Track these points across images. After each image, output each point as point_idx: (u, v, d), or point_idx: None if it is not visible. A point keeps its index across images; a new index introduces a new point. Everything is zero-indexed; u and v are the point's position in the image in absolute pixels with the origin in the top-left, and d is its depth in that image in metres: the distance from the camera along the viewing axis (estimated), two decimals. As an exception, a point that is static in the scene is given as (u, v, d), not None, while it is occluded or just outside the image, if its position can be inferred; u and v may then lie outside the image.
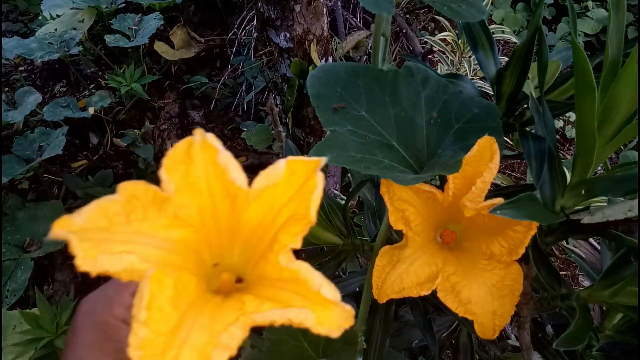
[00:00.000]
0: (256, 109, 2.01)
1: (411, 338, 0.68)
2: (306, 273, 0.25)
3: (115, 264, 0.24)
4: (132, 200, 0.27)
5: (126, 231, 0.26)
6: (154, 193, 0.27)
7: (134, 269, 0.25)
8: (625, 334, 0.51)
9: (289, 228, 0.27)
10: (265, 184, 0.27)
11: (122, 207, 0.26)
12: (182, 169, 0.28)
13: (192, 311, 0.25)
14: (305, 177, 0.27)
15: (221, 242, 0.30)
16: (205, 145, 0.28)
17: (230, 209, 0.29)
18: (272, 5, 1.28)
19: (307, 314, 0.23)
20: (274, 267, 0.26)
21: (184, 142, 0.28)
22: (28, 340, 1.06)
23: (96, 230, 0.25)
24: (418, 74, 0.51)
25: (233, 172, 0.27)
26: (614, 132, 0.40)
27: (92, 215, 0.25)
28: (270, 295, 0.26)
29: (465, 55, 1.61)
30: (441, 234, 0.48)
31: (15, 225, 1.40)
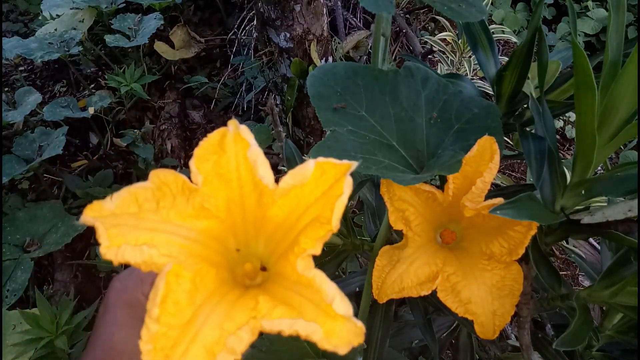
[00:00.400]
0: (256, 109, 2.01)
1: (411, 338, 0.68)
2: (321, 283, 0.25)
3: (136, 256, 0.25)
4: (163, 187, 0.27)
5: (154, 219, 0.27)
6: (183, 183, 0.27)
7: (153, 262, 0.25)
8: (625, 334, 0.51)
9: (311, 232, 0.27)
10: (292, 183, 0.27)
11: (152, 193, 0.27)
12: (214, 159, 0.28)
13: (207, 305, 0.26)
14: (333, 179, 0.27)
15: (246, 231, 0.31)
16: (238, 138, 0.28)
17: (257, 202, 0.29)
18: (272, 5, 1.28)
19: (315, 327, 0.23)
20: (293, 269, 0.26)
21: (218, 133, 0.28)
22: (28, 340, 1.06)
23: (126, 216, 0.26)
24: (418, 74, 0.51)
25: (261, 169, 0.27)
26: (614, 132, 0.40)
27: (124, 200, 0.26)
28: (285, 298, 0.26)
29: (465, 55, 1.61)
30: (441, 234, 0.48)
31: (15, 225, 1.40)
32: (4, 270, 1.29)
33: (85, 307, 1.43)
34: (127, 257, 0.25)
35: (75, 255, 1.62)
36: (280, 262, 0.29)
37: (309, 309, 0.25)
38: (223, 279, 0.29)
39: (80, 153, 1.90)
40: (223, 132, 0.28)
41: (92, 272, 1.59)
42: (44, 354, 1.06)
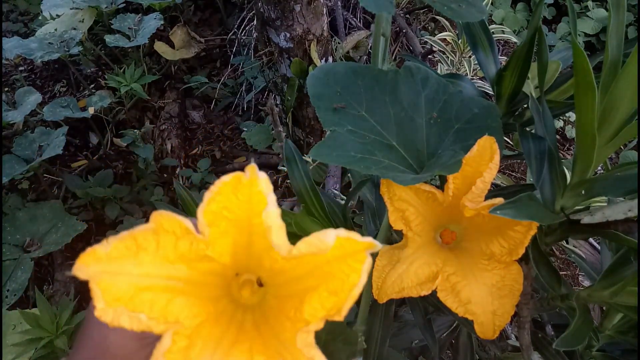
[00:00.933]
0: (256, 109, 2.01)
1: (411, 338, 0.68)
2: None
3: (133, 324, 0.24)
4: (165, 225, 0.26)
5: (152, 261, 0.26)
6: (186, 229, 0.26)
7: (151, 330, 0.25)
8: (625, 334, 0.51)
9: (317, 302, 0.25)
10: (306, 252, 0.25)
11: (152, 234, 0.26)
12: (225, 204, 0.26)
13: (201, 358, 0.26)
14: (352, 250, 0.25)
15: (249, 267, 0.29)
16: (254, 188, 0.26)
17: (266, 250, 0.27)
18: (272, 5, 1.28)
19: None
20: (292, 329, 0.26)
21: (233, 178, 0.26)
22: (28, 340, 1.06)
23: (122, 260, 0.25)
24: (418, 74, 0.51)
25: (275, 236, 0.25)
26: (614, 132, 0.40)
27: (122, 241, 0.25)
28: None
29: (465, 55, 1.61)
30: (441, 234, 0.48)
31: (15, 225, 1.40)
32: (4, 270, 1.29)
33: (85, 307, 1.43)
34: (124, 324, 0.24)
35: (75, 255, 1.61)
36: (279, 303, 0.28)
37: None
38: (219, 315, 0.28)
39: (80, 153, 1.90)
40: (238, 177, 0.26)
41: (92, 272, 1.59)
42: (44, 354, 1.06)
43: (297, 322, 0.26)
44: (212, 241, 0.27)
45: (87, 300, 0.75)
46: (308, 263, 0.26)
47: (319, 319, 0.25)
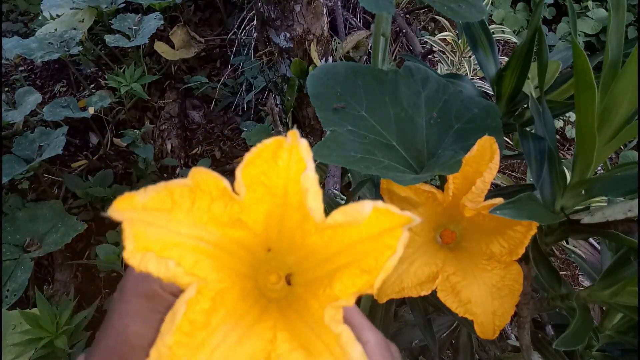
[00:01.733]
0: (256, 109, 2.01)
1: (411, 338, 0.68)
2: (347, 343, 0.23)
3: (160, 270, 0.23)
4: (202, 186, 0.25)
5: (185, 220, 0.25)
6: (223, 189, 0.25)
7: (176, 280, 0.24)
8: (625, 334, 0.51)
9: (348, 278, 0.25)
10: (341, 222, 0.25)
11: (189, 191, 0.25)
12: (263, 168, 0.26)
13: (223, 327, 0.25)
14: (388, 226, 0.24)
15: (279, 247, 0.29)
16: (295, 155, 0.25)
17: (299, 223, 0.27)
18: (272, 5, 1.28)
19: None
20: (319, 307, 0.25)
21: (274, 141, 0.25)
22: (28, 340, 1.06)
23: (156, 212, 0.24)
24: (418, 74, 0.51)
25: (311, 200, 0.25)
26: (614, 132, 0.40)
27: (158, 194, 0.24)
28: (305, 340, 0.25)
29: (465, 55, 1.61)
30: (441, 234, 0.48)
31: (15, 225, 1.40)
32: (4, 270, 1.29)
33: (85, 307, 1.43)
34: (151, 269, 0.23)
35: (75, 255, 1.62)
36: (307, 289, 0.28)
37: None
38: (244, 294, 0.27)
39: (80, 153, 1.90)
40: (279, 142, 0.25)
41: (92, 272, 1.59)
42: (44, 354, 1.06)
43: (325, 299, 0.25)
44: (247, 206, 0.26)
45: (87, 300, 0.76)
46: (341, 240, 0.25)
47: (350, 294, 0.24)
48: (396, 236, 0.24)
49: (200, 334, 0.24)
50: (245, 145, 1.93)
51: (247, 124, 1.96)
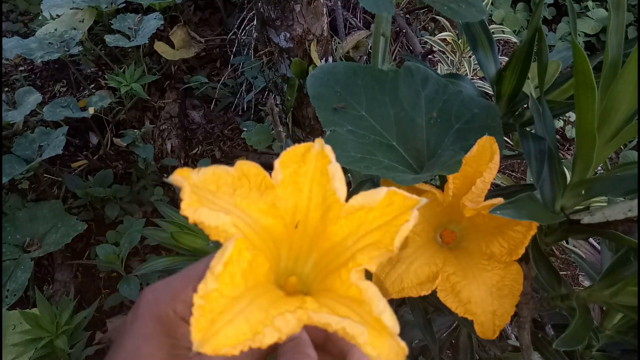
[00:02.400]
0: (256, 109, 2.01)
1: (411, 338, 0.68)
2: (372, 295, 0.25)
3: (211, 219, 0.26)
4: (243, 178, 0.29)
5: (228, 201, 0.28)
6: (262, 178, 0.29)
7: (224, 229, 0.26)
8: (625, 334, 0.51)
9: (368, 251, 0.28)
10: (361, 203, 0.29)
11: (232, 180, 0.28)
12: (294, 168, 0.30)
13: (255, 290, 0.26)
14: (399, 211, 0.27)
15: (301, 245, 0.31)
16: (321, 154, 0.30)
17: (321, 217, 0.30)
18: (272, 5, 1.28)
19: (363, 330, 0.23)
20: (342, 283, 0.27)
21: (303, 146, 0.30)
22: (28, 340, 1.06)
23: (205, 191, 0.27)
24: (418, 74, 0.51)
25: (337, 182, 0.29)
26: (614, 132, 0.40)
27: (207, 177, 0.27)
28: (331, 306, 0.26)
29: (465, 55, 1.61)
30: (441, 234, 0.48)
31: (15, 225, 1.40)
32: (4, 270, 1.29)
33: (85, 307, 1.43)
34: (203, 218, 0.26)
35: (75, 255, 1.62)
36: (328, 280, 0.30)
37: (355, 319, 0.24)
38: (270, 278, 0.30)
39: (80, 153, 1.90)
40: (308, 146, 0.30)
41: (92, 272, 1.59)
42: (44, 354, 1.07)
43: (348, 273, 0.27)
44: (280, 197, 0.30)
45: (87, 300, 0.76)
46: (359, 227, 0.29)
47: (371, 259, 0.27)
48: (407, 218, 0.27)
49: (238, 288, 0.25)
50: (245, 145, 1.93)
51: (247, 124, 1.96)
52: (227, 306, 0.24)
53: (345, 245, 0.29)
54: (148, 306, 0.32)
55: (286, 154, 0.30)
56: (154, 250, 1.65)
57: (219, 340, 0.23)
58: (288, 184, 0.30)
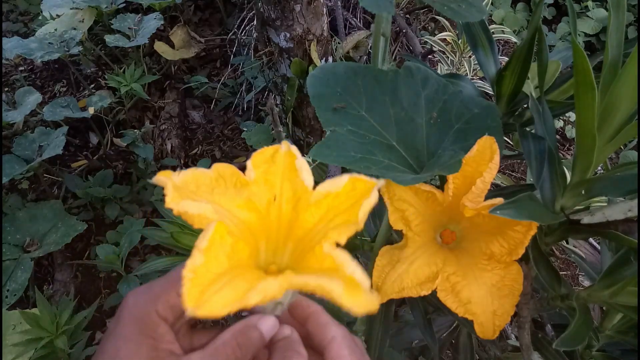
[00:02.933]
0: (256, 109, 2.01)
1: (411, 338, 0.68)
2: (344, 259, 0.28)
3: (194, 208, 0.28)
4: (219, 179, 0.32)
5: (208, 199, 0.31)
6: (237, 177, 0.32)
7: (206, 216, 0.29)
8: (625, 334, 0.51)
9: (338, 229, 0.30)
10: (327, 189, 0.32)
11: (210, 181, 0.31)
12: (265, 167, 0.33)
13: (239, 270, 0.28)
14: (361, 194, 0.30)
15: (278, 237, 0.34)
16: (288, 154, 0.33)
17: (293, 208, 0.33)
18: (272, 5, 1.28)
19: (338, 283, 0.25)
20: (317, 259, 0.30)
21: (272, 148, 0.33)
22: (28, 340, 1.06)
23: (186, 190, 0.30)
24: (418, 74, 0.51)
25: (304, 173, 0.32)
26: (614, 132, 0.40)
27: (187, 178, 0.30)
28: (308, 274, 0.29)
29: (465, 55, 1.61)
30: (441, 234, 0.48)
31: (15, 225, 1.40)
32: (4, 270, 1.29)
33: (85, 307, 1.43)
34: (187, 208, 0.28)
35: (75, 255, 1.62)
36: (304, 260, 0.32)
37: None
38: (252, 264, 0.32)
39: (80, 153, 1.90)
40: (276, 148, 0.34)
41: (92, 272, 1.59)
42: (44, 354, 1.06)
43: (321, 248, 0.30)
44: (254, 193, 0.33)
45: (87, 300, 0.76)
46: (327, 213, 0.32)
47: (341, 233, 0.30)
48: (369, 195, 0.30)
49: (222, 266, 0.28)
50: (245, 145, 1.93)
51: (247, 124, 1.96)
52: (214, 280, 0.26)
53: (317, 229, 0.32)
54: (129, 309, 0.32)
55: (257, 156, 0.33)
56: (154, 250, 1.65)
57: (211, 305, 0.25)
58: (261, 181, 0.33)
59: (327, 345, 0.34)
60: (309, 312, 0.36)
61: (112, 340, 0.32)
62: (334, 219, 0.31)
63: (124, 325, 0.32)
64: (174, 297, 0.32)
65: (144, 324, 0.32)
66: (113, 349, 0.31)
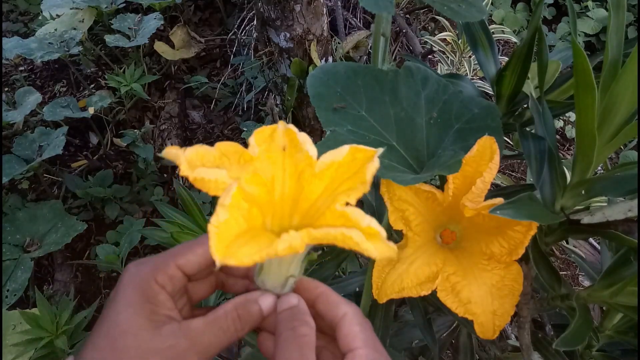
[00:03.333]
0: (256, 109, 2.01)
1: (411, 338, 0.68)
2: (358, 213, 0.28)
3: (210, 174, 0.29)
4: (223, 157, 0.32)
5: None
6: (241, 154, 0.32)
7: (223, 181, 0.29)
8: (625, 334, 0.51)
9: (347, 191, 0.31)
10: (330, 159, 0.32)
11: (214, 158, 0.31)
12: (265, 145, 0.33)
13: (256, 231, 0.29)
14: (362, 163, 0.32)
15: (283, 212, 0.34)
16: (287, 131, 0.34)
17: (297, 183, 0.34)
18: (272, 5, 1.28)
19: (357, 231, 0.26)
20: (330, 219, 0.31)
21: (269, 127, 0.34)
22: (28, 340, 1.06)
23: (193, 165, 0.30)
24: (418, 74, 0.51)
25: (308, 145, 0.33)
26: (614, 132, 0.40)
27: (193, 155, 0.30)
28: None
29: (465, 55, 1.61)
30: (441, 234, 0.48)
31: (15, 225, 1.40)
32: (4, 270, 1.29)
33: (85, 307, 1.43)
34: (203, 174, 0.28)
35: (75, 255, 1.62)
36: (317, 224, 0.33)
37: None
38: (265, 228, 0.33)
39: (80, 153, 1.90)
40: (273, 127, 0.34)
41: (92, 272, 1.59)
42: (44, 354, 1.06)
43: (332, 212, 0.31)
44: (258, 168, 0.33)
45: (87, 300, 0.76)
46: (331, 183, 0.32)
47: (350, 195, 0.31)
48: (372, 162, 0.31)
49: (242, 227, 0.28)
50: (245, 145, 1.93)
51: (247, 124, 1.96)
52: (237, 236, 0.27)
53: (322, 200, 0.33)
54: (130, 277, 0.33)
55: (257, 134, 0.33)
56: (154, 250, 1.65)
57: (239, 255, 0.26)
58: (264, 158, 0.33)
59: (338, 322, 0.33)
60: (318, 293, 0.35)
61: (113, 305, 0.32)
62: (337, 188, 0.32)
63: (125, 291, 0.33)
64: (173, 268, 0.33)
65: (143, 291, 0.32)
66: (114, 314, 0.32)
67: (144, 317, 0.31)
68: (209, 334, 0.32)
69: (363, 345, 0.32)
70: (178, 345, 0.31)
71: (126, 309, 0.32)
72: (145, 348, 0.30)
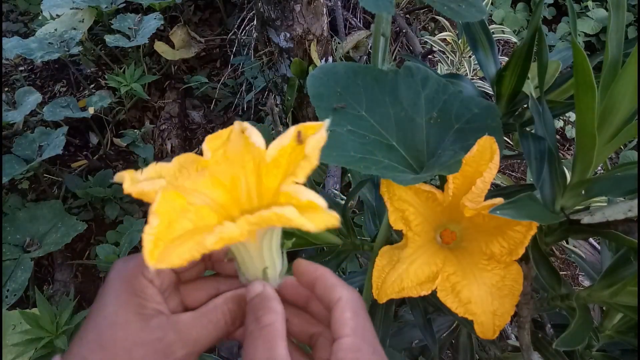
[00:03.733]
0: (256, 109, 2.01)
1: (411, 338, 0.68)
2: (297, 188, 0.28)
3: (147, 185, 0.29)
4: (182, 168, 0.33)
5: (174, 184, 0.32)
6: (198, 162, 0.33)
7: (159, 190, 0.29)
8: (625, 334, 0.51)
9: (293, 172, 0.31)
10: (278, 144, 0.32)
11: (173, 172, 0.32)
12: (222, 149, 0.34)
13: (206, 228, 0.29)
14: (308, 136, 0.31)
15: (252, 207, 0.34)
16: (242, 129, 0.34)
17: (257, 177, 0.34)
18: (272, 5, 1.28)
19: (290, 208, 0.26)
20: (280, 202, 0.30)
21: (226, 130, 0.35)
22: (28, 340, 1.06)
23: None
24: (418, 74, 0.51)
25: (254, 137, 0.33)
26: (614, 132, 0.40)
27: (149, 173, 0.31)
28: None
29: (465, 55, 1.61)
30: (441, 234, 0.48)
31: (15, 225, 1.40)
32: (4, 270, 1.29)
33: (85, 307, 1.43)
34: (141, 187, 0.29)
35: (75, 255, 1.62)
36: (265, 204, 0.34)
37: None
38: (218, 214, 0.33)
39: (80, 153, 1.90)
40: (230, 129, 0.35)
41: (92, 272, 1.59)
42: (44, 354, 1.07)
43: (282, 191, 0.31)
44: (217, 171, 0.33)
45: (87, 301, 0.76)
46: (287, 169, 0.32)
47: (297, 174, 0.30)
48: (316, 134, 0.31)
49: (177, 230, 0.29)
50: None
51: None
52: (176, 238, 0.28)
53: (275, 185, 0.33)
54: (118, 272, 0.33)
55: (209, 140, 0.34)
56: (154, 250, 1.64)
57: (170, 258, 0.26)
58: (221, 161, 0.34)
59: (333, 307, 0.33)
60: (316, 276, 0.35)
61: (101, 300, 0.32)
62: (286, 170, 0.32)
63: (112, 285, 0.33)
64: None
65: (131, 285, 0.32)
66: (101, 307, 0.32)
67: (132, 310, 0.31)
68: (198, 327, 0.32)
69: (351, 333, 0.31)
70: (166, 337, 0.31)
71: (114, 302, 0.32)
72: (132, 340, 0.30)
